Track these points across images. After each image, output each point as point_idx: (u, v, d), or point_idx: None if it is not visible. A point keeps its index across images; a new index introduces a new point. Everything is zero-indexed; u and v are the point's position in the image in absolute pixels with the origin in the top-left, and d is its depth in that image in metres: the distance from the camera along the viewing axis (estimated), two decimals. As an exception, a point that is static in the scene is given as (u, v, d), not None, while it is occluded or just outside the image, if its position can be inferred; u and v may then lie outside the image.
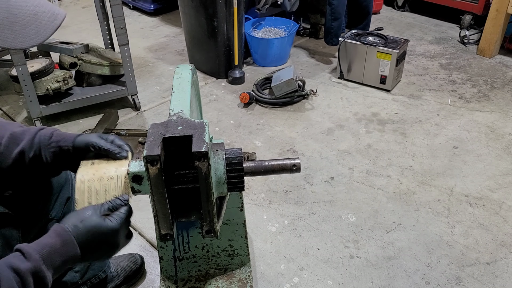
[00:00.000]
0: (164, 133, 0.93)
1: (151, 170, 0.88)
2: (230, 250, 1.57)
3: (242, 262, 1.61)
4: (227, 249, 1.57)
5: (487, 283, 1.74)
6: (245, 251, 1.58)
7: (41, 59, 2.68)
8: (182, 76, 1.16)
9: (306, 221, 2.03)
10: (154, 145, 0.89)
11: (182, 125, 0.94)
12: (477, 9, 3.65)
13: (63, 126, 2.73)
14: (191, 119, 0.97)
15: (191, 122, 0.96)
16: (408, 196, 2.17)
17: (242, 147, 2.51)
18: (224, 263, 1.61)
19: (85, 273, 1.53)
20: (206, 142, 0.87)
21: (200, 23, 3.08)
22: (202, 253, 1.58)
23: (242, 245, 1.56)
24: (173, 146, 0.93)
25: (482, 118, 2.75)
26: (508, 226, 2.00)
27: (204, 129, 0.92)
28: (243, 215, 1.49)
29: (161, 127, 0.95)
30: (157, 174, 0.89)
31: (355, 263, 1.83)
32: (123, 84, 2.81)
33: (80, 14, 4.48)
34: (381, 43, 2.96)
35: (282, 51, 3.38)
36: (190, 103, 1.07)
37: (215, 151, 0.98)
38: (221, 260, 1.60)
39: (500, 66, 3.34)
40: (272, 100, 2.89)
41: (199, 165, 0.87)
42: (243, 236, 1.54)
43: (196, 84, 1.35)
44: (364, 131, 2.65)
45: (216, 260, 1.60)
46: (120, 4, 2.48)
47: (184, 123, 0.95)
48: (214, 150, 0.98)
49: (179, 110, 1.01)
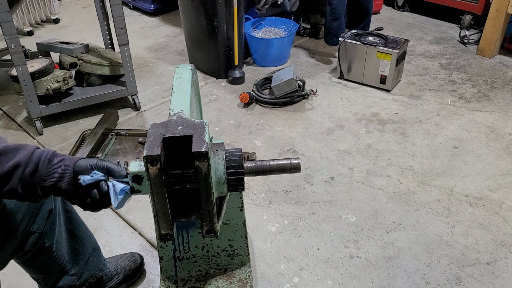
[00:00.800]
0: (164, 133, 0.93)
1: (151, 170, 0.88)
2: (230, 250, 1.57)
3: (242, 262, 1.61)
4: (227, 249, 1.57)
5: (487, 283, 1.74)
6: (245, 251, 1.58)
7: (41, 59, 2.68)
8: (182, 76, 1.16)
9: (306, 221, 2.03)
10: (154, 145, 0.89)
11: (182, 125, 0.95)
12: (477, 9, 3.65)
13: (63, 126, 2.73)
14: (191, 119, 0.97)
15: (191, 122, 0.96)
16: (408, 196, 2.17)
17: (242, 147, 2.51)
18: (224, 263, 1.61)
19: (81, 275, 1.52)
20: (206, 142, 0.88)
21: (200, 23, 3.08)
22: (202, 253, 1.58)
23: (242, 245, 1.56)
24: (173, 146, 0.93)
25: (482, 118, 2.75)
26: (508, 226, 2.00)
27: (204, 129, 0.92)
28: (243, 215, 1.49)
29: (161, 127, 0.95)
30: (157, 174, 0.89)
31: (355, 263, 1.83)
32: (123, 84, 2.81)
33: (80, 14, 4.49)
34: (381, 43, 2.96)
35: (282, 51, 3.38)
36: (190, 103, 1.07)
37: (215, 151, 0.98)
38: (221, 260, 1.60)
39: (500, 66, 3.34)
40: (272, 100, 2.89)
41: (199, 165, 0.88)
42: (243, 236, 1.54)
43: (196, 84, 1.35)
44: (364, 131, 2.65)
45: (216, 260, 1.60)
46: (120, 4, 2.48)
47: (184, 123, 0.95)
48: (214, 150, 0.98)
49: (179, 110, 1.01)
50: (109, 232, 2.00)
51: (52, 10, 4.17)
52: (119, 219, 2.06)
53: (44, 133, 2.66)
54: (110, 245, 1.93)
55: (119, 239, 1.96)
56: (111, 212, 2.10)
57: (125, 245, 1.93)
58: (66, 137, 2.64)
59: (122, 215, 2.08)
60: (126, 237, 1.97)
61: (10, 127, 2.75)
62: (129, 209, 2.10)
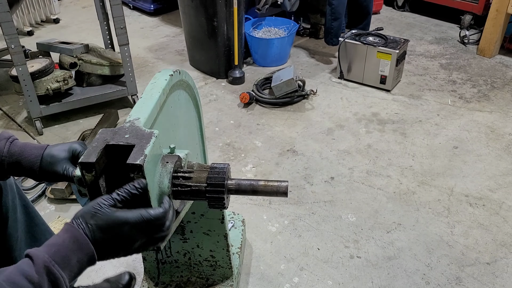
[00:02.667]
0: (110, 140, 0.91)
1: (87, 176, 0.87)
2: (212, 261, 1.56)
3: (225, 275, 1.60)
4: (208, 259, 1.55)
5: (487, 283, 1.74)
6: (227, 264, 1.56)
7: (41, 59, 2.68)
8: (157, 82, 1.11)
9: (306, 221, 2.03)
10: (93, 152, 0.88)
11: (130, 134, 0.92)
12: (477, 9, 3.65)
13: (63, 126, 2.73)
14: (143, 128, 0.93)
15: (140, 131, 0.92)
16: (408, 196, 2.17)
17: (242, 147, 2.51)
18: (206, 273, 1.59)
19: None
20: (144, 155, 0.85)
21: (200, 23, 3.08)
22: (184, 260, 1.57)
23: (224, 257, 1.54)
24: (116, 154, 0.91)
25: (482, 118, 2.75)
26: (508, 226, 2.00)
27: (150, 140, 0.89)
28: (224, 228, 1.45)
29: (110, 133, 0.93)
30: (92, 181, 0.88)
31: (355, 263, 1.83)
32: (123, 84, 2.81)
33: (80, 14, 4.49)
34: (381, 43, 2.96)
35: (282, 51, 3.38)
36: (154, 110, 1.02)
37: (165, 163, 0.95)
38: (203, 269, 1.59)
39: (500, 66, 3.34)
40: (272, 100, 2.89)
41: (134, 177, 0.85)
42: (225, 248, 1.51)
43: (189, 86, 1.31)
44: (364, 131, 2.65)
45: (199, 268, 1.58)
46: (120, 4, 2.48)
47: (133, 131, 0.92)
48: (164, 162, 0.95)
49: (136, 117, 0.97)
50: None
51: (52, 10, 4.17)
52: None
53: (44, 133, 2.66)
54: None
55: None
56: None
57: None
58: (66, 137, 2.64)
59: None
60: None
61: (10, 127, 2.75)
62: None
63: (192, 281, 1.61)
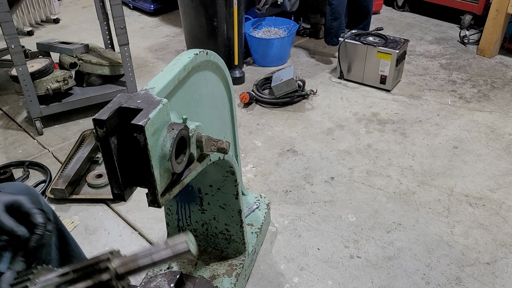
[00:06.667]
0: (123, 103, 0.99)
1: (99, 132, 0.95)
2: (227, 234, 1.64)
3: (238, 250, 1.67)
4: (224, 232, 1.64)
5: (487, 283, 1.74)
6: (241, 239, 1.63)
7: (41, 59, 2.68)
8: (180, 58, 1.19)
9: (306, 221, 2.03)
10: (106, 111, 0.96)
11: (142, 100, 1.00)
12: (477, 9, 3.65)
13: (63, 126, 2.73)
14: (154, 96, 1.01)
15: (151, 98, 1.00)
16: (408, 196, 2.17)
17: (242, 147, 2.51)
18: (222, 245, 1.68)
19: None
20: (148, 118, 0.92)
21: (200, 23, 3.08)
22: (202, 230, 1.66)
23: (238, 232, 1.61)
24: (128, 117, 0.98)
25: (482, 118, 2.75)
26: (508, 226, 2.00)
27: (157, 106, 0.96)
28: (238, 204, 1.52)
29: (125, 98, 1.02)
30: (104, 136, 0.95)
31: (355, 263, 1.83)
32: (123, 84, 2.81)
33: (80, 14, 4.49)
34: (381, 43, 2.96)
35: (282, 51, 3.38)
36: (171, 83, 1.09)
37: (171, 129, 1.00)
38: (219, 241, 1.67)
39: (500, 66, 3.34)
40: (272, 100, 2.89)
41: (138, 137, 0.92)
42: (239, 224, 1.58)
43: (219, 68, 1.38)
44: (364, 131, 2.65)
45: (215, 240, 1.67)
46: (120, 4, 2.48)
47: (145, 98, 1.00)
48: (170, 128, 1.01)
49: (151, 86, 1.05)
50: (109, 232, 2.00)
51: (52, 10, 4.17)
52: (119, 219, 2.06)
53: (44, 133, 2.66)
54: (110, 245, 1.93)
55: (119, 239, 1.96)
56: (111, 212, 2.10)
57: (125, 245, 1.93)
58: (66, 137, 2.64)
59: (122, 215, 2.08)
60: (126, 237, 1.97)
61: (10, 127, 2.75)
62: (129, 209, 2.10)
63: (208, 251, 1.70)
